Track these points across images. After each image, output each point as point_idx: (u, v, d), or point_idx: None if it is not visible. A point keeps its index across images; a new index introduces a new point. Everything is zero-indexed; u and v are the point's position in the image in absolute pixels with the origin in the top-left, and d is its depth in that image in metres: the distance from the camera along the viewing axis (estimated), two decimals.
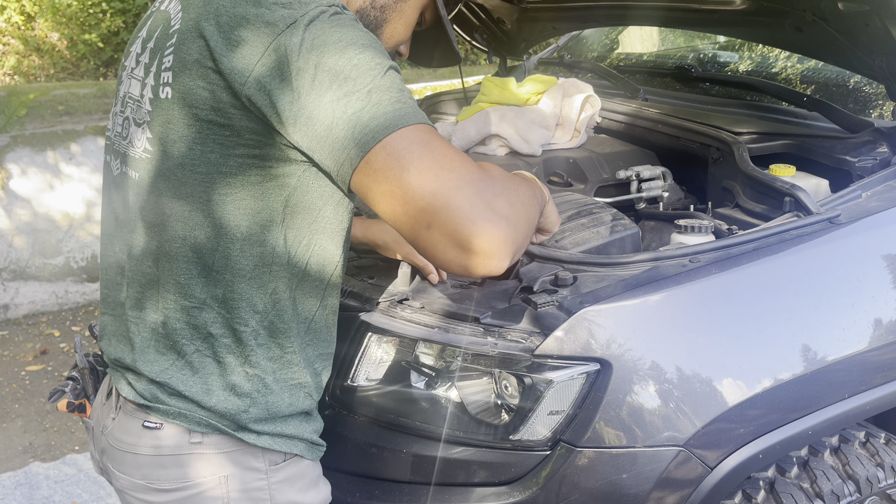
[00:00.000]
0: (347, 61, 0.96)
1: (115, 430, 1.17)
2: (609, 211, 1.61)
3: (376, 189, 0.93)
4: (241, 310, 1.09)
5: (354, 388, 1.41)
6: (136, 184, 1.12)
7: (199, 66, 1.01)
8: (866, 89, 2.04)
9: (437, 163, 0.92)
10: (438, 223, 0.90)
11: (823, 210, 1.50)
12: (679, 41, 3.17)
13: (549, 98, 2.16)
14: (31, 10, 8.15)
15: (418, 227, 0.92)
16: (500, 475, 1.30)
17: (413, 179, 0.91)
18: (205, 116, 1.02)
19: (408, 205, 0.91)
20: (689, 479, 1.28)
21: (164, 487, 1.13)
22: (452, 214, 0.90)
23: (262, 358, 1.11)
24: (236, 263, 1.08)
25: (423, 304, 1.38)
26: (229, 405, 1.10)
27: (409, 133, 0.93)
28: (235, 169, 1.03)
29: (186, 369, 1.11)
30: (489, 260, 0.91)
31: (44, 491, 2.79)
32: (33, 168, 4.38)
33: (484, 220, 0.90)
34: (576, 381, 1.26)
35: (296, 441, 1.17)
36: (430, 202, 0.90)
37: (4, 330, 4.22)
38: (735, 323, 1.34)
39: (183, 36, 1.05)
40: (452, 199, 0.90)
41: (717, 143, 1.88)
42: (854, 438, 1.51)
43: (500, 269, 0.93)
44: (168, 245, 1.09)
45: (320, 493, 1.23)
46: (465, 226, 0.90)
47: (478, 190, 0.92)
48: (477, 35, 2.86)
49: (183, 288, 1.09)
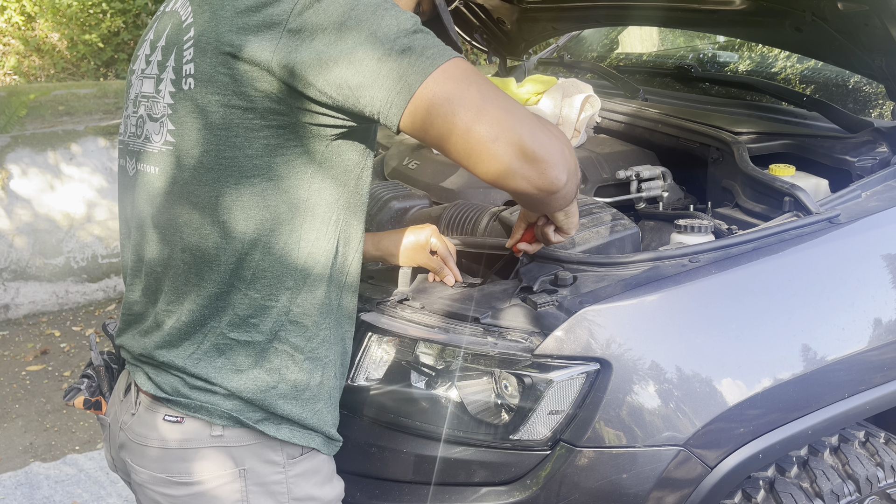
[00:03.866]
0: (378, 18, 1.00)
1: (135, 424, 1.19)
2: (609, 211, 1.61)
3: (437, 111, 0.99)
4: (271, 287, 1.12)
5: (355, 387, 1.41)
6: (156, 178, 1.14)
7: (219, 54, 1.04)
8: (866, 89, 2.04)
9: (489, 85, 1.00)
10: (504, 135, 0.98)
11: (823, 210, 1.50)
12: (679, 41, 3.17)
13: (549, 98, 2.16)
14: (31, 11, 8.15)
15: (484, 140, 0.98)
16: (500, 475, 1.30)
17: (477, 96, 0.98)
18: (228, 102, 1.04)
19: (477, 121, 0.98)
20: (688, 479, 1.28)
21: (183, 480, 1.14)
22: (518, 126, 0.99)
23: (292, 334, 1.14)
24: (265, 242, 1.10)
25: (423, 304, 1.38)
26: (259, 382, 1.13)
27: (461, 63, 1.00)
28: (262, 150, 1.06)
29: (213, 352, 1.13)
30: (552, 168, 1.02)
31: (44, 491, 2.79)
32: (34, 168, 4.39)
33: (546, 135, 1.01)
34: (576, 381, 1.26)
35: (314, 435, 1.19)
36: (497, 117, 0.98)
37: (5, 330, 4.22)
38: (735, 323, 1.34)
39: (200, 27, 1.07)
40: (519, 115, 0.99)
41: (717, 143, 1.88)
42: (854, 438, 1.51)
43: (559, 181, 1.03)
44: (197, 231, 1.11)
45: (335, 489, 1.25)
46: (531, 136, 0.99)
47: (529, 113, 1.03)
48: (477, 35, 2.86)
49: (213, 272, 1.11)
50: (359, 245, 1.22)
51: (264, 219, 1.10)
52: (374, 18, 0.99)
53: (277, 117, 1.05)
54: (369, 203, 1.84)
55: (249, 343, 1.13)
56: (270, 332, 1.13)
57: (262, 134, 1.05)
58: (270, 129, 1.05)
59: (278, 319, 1.13)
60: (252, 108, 1.04)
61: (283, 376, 1.14)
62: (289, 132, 1.06)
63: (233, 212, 1.09)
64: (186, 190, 1.10)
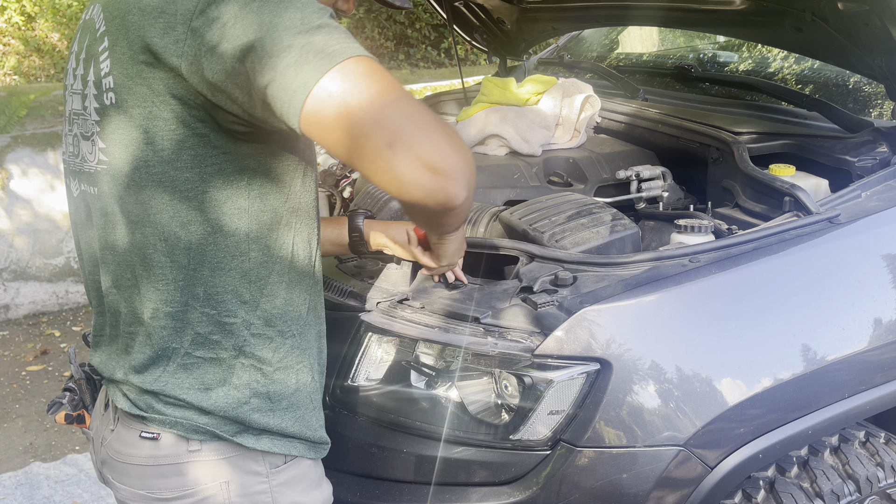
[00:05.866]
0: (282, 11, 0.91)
1: (114, 441, 1.17)
2: (609, 211, 1.61)
3: (332, 112, 0.89)
4: (227, 303, 1.08)
5: (355, 388, 1.41)
6: (97, 198, 1.10)
7: (134, 63, 0.99)
8: (866, 89, 2.04)
9: (394, 86, 0.90)
10: (402, 141, 0.87)
11: (823, 210, 1.50)
12: (679, 41, 3.17)
13: (549, 98, 2.16)
14: (31, 11, 8.15)
15: (379, 146, 0.87)
16: (501, 475, 1.30)
17: (376, 98, 0.88)
18: (150, 113, 1.00)
19: (374, 125, 0.87)
20: (689, 479, 1.28)
21: (165, 497, 1.12)
22: (420, 134, 0.88)
23: (257, 347, 1.10)
24: (212, 257, 1.06)
25: (423, 304, 1.38)
26: (229, 399, 1.10)
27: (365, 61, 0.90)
28: (190, 162, 1.01)
29: (180, 372, 1.10)
30: (452, 183, 0.89)
31: (44, 491, 2.79)
32: (34, 168, 4.39)
33: (449, 145, 0.89)
34: (576, 381, 1.26)
35: (296, 442, 1.16)
36: (396, 122, 0.87)
37: (5, 330, 4.22)
38: (735, 323, 1.34)
39: (112, 36, 1.03)
40: (421, 121, 0.88)
41: (717, 143, 1.88)
42: (854, 438, 1.51)
43: (459, 197, 0.91)
44: (140, 251, 1.07)
45: (323, 493, 1.23)
46: (433, 146, 0.88)
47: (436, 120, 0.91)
48: (477, 35, 2.86)
49: (162, 293, 1.07)
50: (317, 245, 1.17)
51: (206, 233, 1.05)
52: (276, 11, 0.91)
53: (199, 125, 0.99)
54: (370, 203, 1.84)
55: (215, 360, 1.09)
56: (234, 347, 1.09)
57: (189, 144, 1.00)
58: (196, 139, 1.00)
59: (240, 335, 1.09)
60: (174, 118, 0.99)
61: (255, 390, 1.11)
62: (214, 140, 1.01)
63: (172, 229, 1.04)
64: (125, 209, 1.06)
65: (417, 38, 9.52)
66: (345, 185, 2.22)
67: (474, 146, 2.13)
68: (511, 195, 1.89)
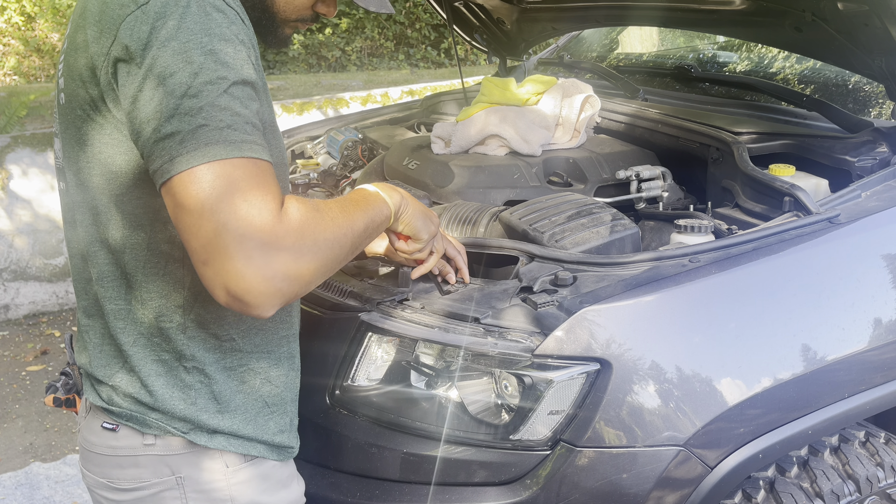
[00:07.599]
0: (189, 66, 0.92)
1: (84, 429, 1.21)
2: (609, 211, 1.61)
3: (175, 211, 0.94)
4: (162, 307, 1.10)
5: (354, 388, 1.41)
6: (64, 194, 1.16)
7: (77, 66, 1.04)
8: (866, 89, 2.04)
9: (233, 206, 0.91)
10: (213, 264, 0.92)
11: (823, 210, 1.50)
12: (679, 41, 3.17)
13: (549, 98, 2.15)
14: (31, 11, 8.15)
15: (196, 260, 0.94)
16: (501, 475, 1.30)
17: (206, 213, 0.90)
18: (86, 115, 1.04)
19: (196, 236, 0.92)
20: (689, 479, 1.28)
21: (123, 487, 1.15)
22: (227, 263, 0.91)
23: (197, 350, 1.11)
24: (145, 262, 1.08)
25: (423, 304, 1.38)
26: (175, 400, 1.11)
27: (218, 168, 0.91)
28: (124, 164, 1.04)
29: (130, 371, 1.12)
30: (252, 310, 0.95)
31: (44, 491, 2.79)
32: (34, 168, 4.39)
33: (254, 276, 0.92)
34: (576, 381, 1.26)
35: (254, 443, 1.15)
36: (211, 241, 0.91)
37: (5, 330, 4.22)
38: (735, 323, 1.34)
39: (71, 39, 1.07)
40: (232, 247, 0.90)
41: (717, 143, 1.88)
42: (854, 438, 1.51)
43: (264, 315, 0.96)
44: (90, 251, 1.12)
45: (291, 493, 1.22)
46: (236, 277, 0.91)
47: (263, 241, 0.92)
48: (477, 35, 2.86)
49: (109, 292, 1.11)
50: None
51: (141, 238, 1.07)
52: (174, 60, 0.92)
53: (125, 131, 1.01)
54: None
55: (159, 361, 1.11)
56: (175, 350, 1.11)
57: (122, 150, 1.02)
58: (129, 143, 1.01)
59: (177, 338, 1.10)
60: (107, 123, 1.02)
61: (199, 392, 1.12)
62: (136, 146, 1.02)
63: (110, 229, 1.08)
64: (78, 207, 1.11)
65: (417, 39, 9.53)
66: (344, 186, 2.22)
67: (474, 146, 2.14)
68: (511, 195, 1.89)
